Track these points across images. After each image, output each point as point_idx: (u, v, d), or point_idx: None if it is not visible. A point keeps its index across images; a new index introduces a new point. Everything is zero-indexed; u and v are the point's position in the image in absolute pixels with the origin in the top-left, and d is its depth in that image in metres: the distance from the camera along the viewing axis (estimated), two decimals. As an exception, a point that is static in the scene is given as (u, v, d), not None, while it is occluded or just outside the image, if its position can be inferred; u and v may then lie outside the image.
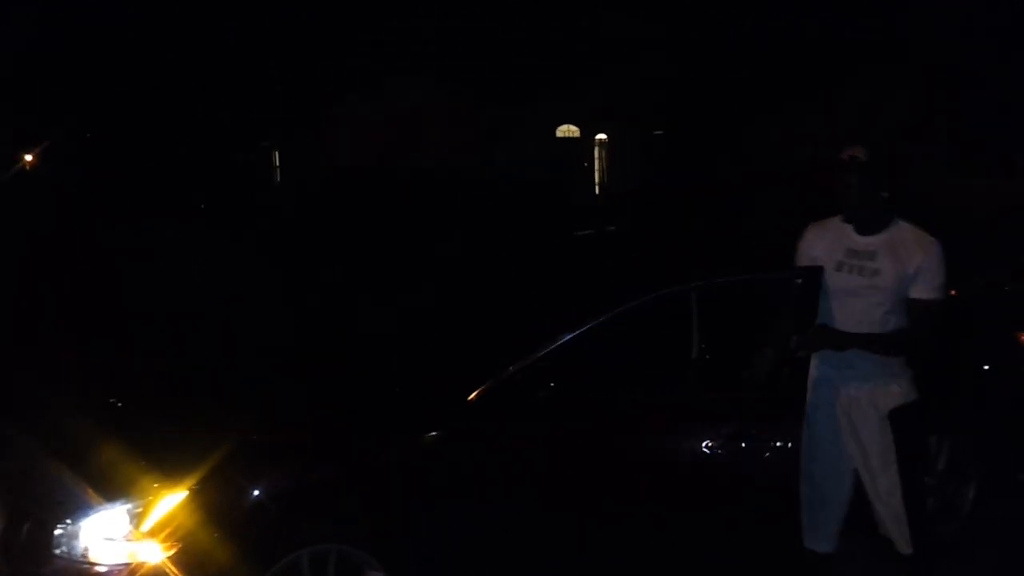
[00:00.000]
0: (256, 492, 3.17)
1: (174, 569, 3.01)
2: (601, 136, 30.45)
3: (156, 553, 3.02)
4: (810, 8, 22.47)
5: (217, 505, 3.10)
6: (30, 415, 3.74)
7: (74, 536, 3.08)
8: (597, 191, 28.26)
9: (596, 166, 30.39)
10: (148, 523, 3.04)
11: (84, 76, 23.47)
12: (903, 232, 3.38)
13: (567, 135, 30.48)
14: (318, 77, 26.34)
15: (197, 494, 3.08)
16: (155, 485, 3.10)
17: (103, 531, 3.07)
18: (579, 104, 28.63)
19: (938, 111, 21.26)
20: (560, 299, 3.94)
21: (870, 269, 3.38)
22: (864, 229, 3.41)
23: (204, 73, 24.24)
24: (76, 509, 3.12)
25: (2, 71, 21.99)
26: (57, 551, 3.08)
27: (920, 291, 3.34)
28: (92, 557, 3.05)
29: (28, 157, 26.46)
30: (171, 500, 3.07)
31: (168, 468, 3.14)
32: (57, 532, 3.10)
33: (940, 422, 4.11)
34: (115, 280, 9.87)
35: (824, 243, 3.48)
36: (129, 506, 3.07)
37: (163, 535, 3.03)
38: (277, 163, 27.89)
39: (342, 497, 3.26)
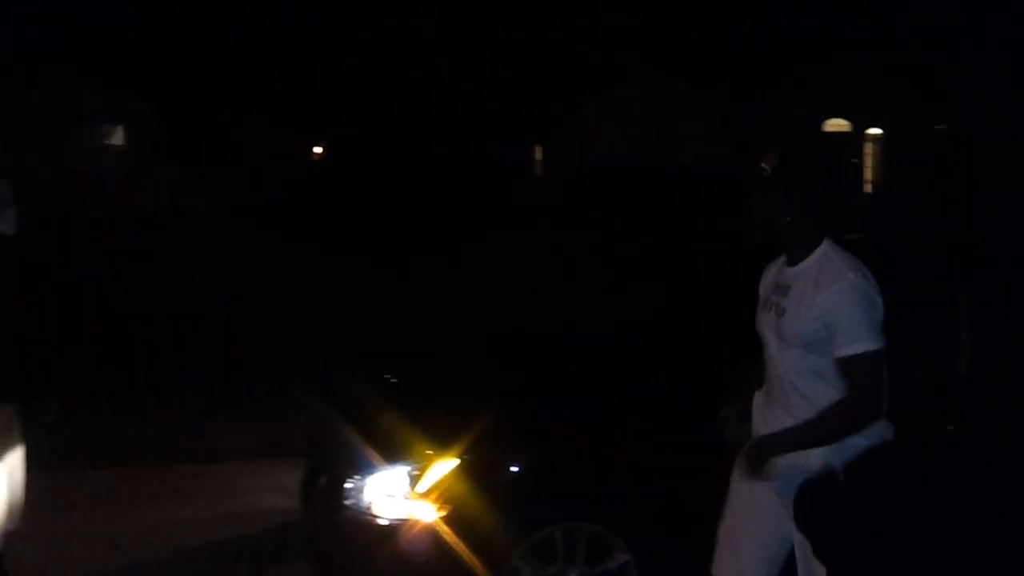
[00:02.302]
0: (517, 465, 3.44)
1: (445, 529, 3.32)
2: (874, 130, 28.79)
3: (430, 513, 3.35)
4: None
5: (483, 474, 3.38)
6: (327, 386, 4.24)
7: (361, 491, 3.47)
8: (870, 189, 26.80)
9: (868, 163, 28.79)
10: (423, 485, 3.38)
11: (354, 76, 25.14)
12: (820, 261, 2.73)
13: (836, 129, 29.08)
14: (578, 72, 26.79)
15: (466, 462, 3.38)
16: (430, 451, 3.44)
17: (385, 488, 3.44)
18: (849, 95, 27.22)
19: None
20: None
21: (780, 307, 2.78)
22: (792, 258, 2.80)
23: (467, 69, 25.33)
24: (363, 467, 3.52)
25: (279, 74, 24.03)
26: (346, 502, 3.49)
27: (837, 347, 2.66)
28: (375, 511, 3.43)
29: (317, 149, 28.84)
30: (444, 466, 3.39)
31: (442, 437, 3.46)
32: (347, 486, 3.51)
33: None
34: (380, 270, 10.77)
35: (767, 278, 2.93)
36: (408, 468, 3.42)
37: (436, 497, 3.36)
38: (539, 157, 28.67)
39: (598, 478, 3.45)
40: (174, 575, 4.33)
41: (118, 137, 24.58)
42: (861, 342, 2.64)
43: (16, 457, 3.84)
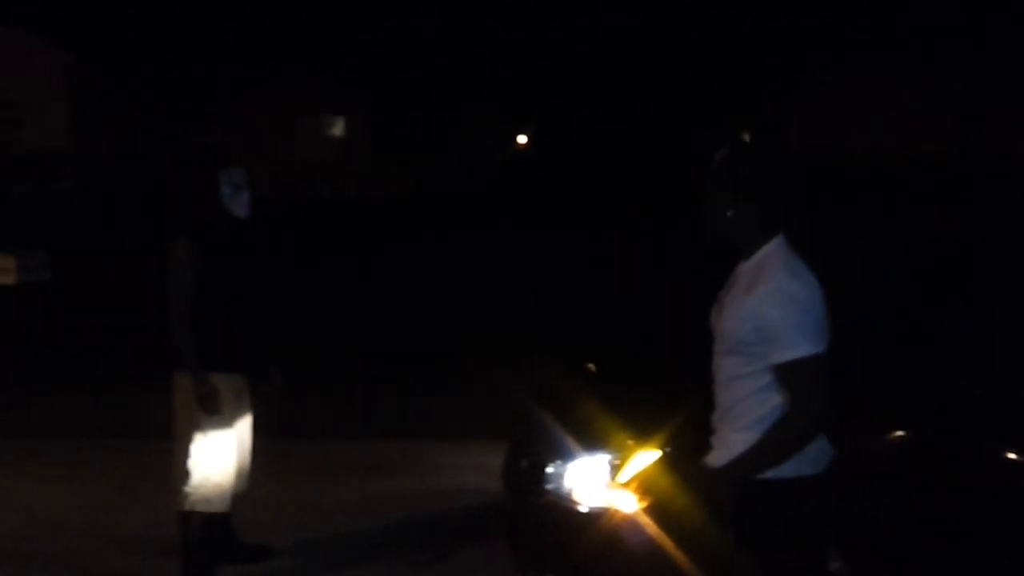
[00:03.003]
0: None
1: (648, 522, 3.26)
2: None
3: (631, 503, 3.30)
4: None
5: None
6: (532, 371, 4.30)
7: (561, 476, 3.48)
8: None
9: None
10: (624, 475, 3.34)
11: (557, 65, 25.22)
12: (761, 260, 2.56)
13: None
14: (784, 54, 25.80)
15: (668, 455, 3.31)
16: (631, 441, 3.39)
17: (586, 476, 3.43)
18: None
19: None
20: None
21: (721, 303, 2.65)
22: (744, 255, 2.63)
23: (669, 51, 24.91)
24: (564, 453, 3.52)
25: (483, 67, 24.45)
26: (547, 487, 3.51)
27: (771, 354, 2.48)
28: (575, 497, 3.42)
29: (522, 139, 29.28)
30: (645, 457, 3.33)
31: (644, 427, 3.40)
32: (548, 470, 3.53)
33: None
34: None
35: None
36: (609, 457, 3.39)
37: (637, 488, 3.30)
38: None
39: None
40: (380, 545, 4.52)
41: (338, 128, 26.00)
42: (792, 348, 2.47)
43: (246, 424, 4.12)
